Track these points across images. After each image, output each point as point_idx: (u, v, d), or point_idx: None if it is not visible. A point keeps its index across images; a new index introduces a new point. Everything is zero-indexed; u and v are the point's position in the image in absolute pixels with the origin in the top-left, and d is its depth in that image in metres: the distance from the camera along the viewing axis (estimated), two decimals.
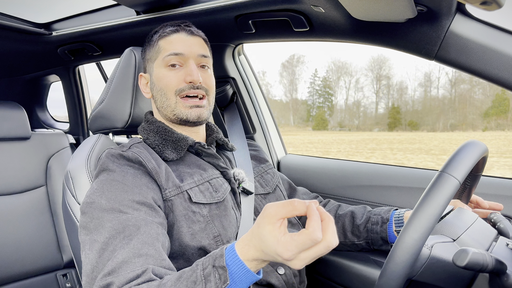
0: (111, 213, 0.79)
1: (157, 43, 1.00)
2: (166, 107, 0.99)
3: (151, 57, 1.02)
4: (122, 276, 0.69)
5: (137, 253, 0.73)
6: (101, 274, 0.71)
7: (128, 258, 0.72)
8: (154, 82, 1.00)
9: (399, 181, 1.29)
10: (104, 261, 0.73)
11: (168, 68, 0.98)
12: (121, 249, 0.73)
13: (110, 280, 0.69)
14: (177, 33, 0.99)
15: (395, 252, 0.66)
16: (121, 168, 0.87)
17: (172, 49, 0.97)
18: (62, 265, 1.75)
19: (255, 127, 1.64)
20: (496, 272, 0.66)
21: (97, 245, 0.76)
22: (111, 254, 0.73)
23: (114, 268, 0.71)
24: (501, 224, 0.84)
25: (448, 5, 0.90)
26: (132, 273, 0.70)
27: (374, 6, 0.90)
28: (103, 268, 0.72)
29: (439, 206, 0.65)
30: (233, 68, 1.58)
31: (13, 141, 1.74)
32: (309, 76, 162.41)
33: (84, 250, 0.78)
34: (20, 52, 1.91)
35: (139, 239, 0.75)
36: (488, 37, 0.91)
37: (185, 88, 0.97)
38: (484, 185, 1.12)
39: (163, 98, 0.98)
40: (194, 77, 0.96)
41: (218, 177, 0.98)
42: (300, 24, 1.20)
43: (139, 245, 0.74)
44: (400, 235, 0.67)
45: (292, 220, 1.10)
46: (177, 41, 0.98)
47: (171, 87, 0.97)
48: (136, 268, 0.70)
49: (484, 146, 0.76)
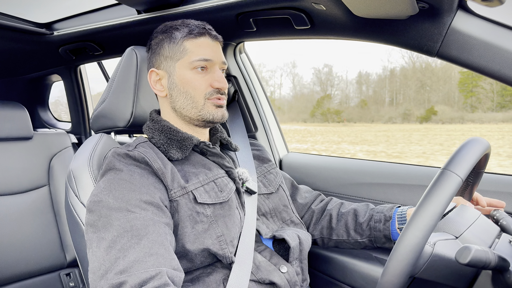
0: (119, 212, 0.79)
1: (182, 43, 0.98)
2: (190, 109, 0.98)
3: (172, 56, 0.99)
4: (136, 276, 0.70)
5: (148, 252, 0.74)
6: (112, 272, 0.71)
7: (139, 257, 0.73)
8: (176, 83, 0.99)
9: (401, 178, 1.29)
10: (111, 259, 0.73)
11: (195, 71, 0.98)
12: (132, 248, 0.74)
13: (123, 279, 0.70)
14: (203, 36, 0.99)
15: (397, 250, 0.66)
16: (128, 168, 0.87)
17: (202, 54, 0.97)
18: (66, 265, 1.76)
19: (257, 126, 1.64)
20: (499, 269, 0.66)
21: (105, 242, 0.76)
22: (119, 253, 0.74)
23: (126, 267, 0.71)
24: (503, 221, 0.84)
25: (449, 1, 0.89)
26: (146, 274, 0.70)
27: (375, 3, 0.90)
28: (114, 266, 0.72)
29: (441, 204, 0.65)
30: (234, 67, 1.58)
31: (16, 141, 1.74)
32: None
33: (91, 247, 0.78)
34: (22, 52, 1.91)
35: (149, 238, 0.76)
36: (490, 33, 0.91)
37: (213, 93, 0.98)
38: (486, 182, 1.12)
39: (188, 100, 0.98)
40: (223, 85, 0.98)
41: (223, 177, 0.98)
42: (301, 22, 1.20)
43: (150, 244, 0.75)
44: (402, 233, 0.67)
45: (294, 220, 1.10)
46: (204, 45, 0.98)
47: (200, 91, 0.98)
48: (148, 268, 0.71)
49: (487, 143, 0.76)
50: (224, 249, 0.88)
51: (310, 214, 1.20)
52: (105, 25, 1.53)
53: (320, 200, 1.23)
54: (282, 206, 1.10)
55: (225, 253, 0.88)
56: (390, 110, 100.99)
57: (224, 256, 0.87)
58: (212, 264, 0.90)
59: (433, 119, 76.72)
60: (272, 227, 1.03)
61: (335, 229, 1.15)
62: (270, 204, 1.07)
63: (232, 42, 1.52)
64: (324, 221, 1.17)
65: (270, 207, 1.07)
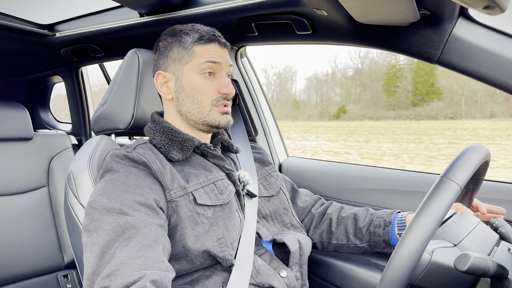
0: (111, 215, 0.79)
1: (191, 47, 0.98)
2: (196, 113, 0.99)
3: (181, 59, 0.99)
4: (118, 281, 0.70)
5: (135, 255, 0.73)
6: (100, 276, 0.72)
7: (125, 260, 0.73)
8: (184, 86, 0.99)
9: (401, 185, 1.29)
10: (104, 264, 0.74)
11: (203, 75, 0.98)
12: (120, 251, 0.74)
13: (107, 283, 0.70)
14: (212, 43, 0.99)
15: (395, 258, 0.66)
16: (125, 169, 0.87)
17: (210, 57, 0.98)
18: (63, 266, 1.75)
19: (257, 130, 1.64)
20: (497, 277, 0.65)
21: (97, 248, 0.76)
22: (111, 257, 0.74)
23: (112, 270, 0.72)
24: (502, 229, 0.84)
25: (451, 9, 0.90)
26: (129, 278, 0.70)
27: (377, 10, 0.91)
28: (103, 271, 0.73)
29: (439, 212, 0.65)
30: (235, 71, 1.58)
31: (16, 142, 1.74)
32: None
33: (86, 252, 0.78)
34: (24, 53, 1.92)
35: (137, 241, 0.75)
36: (491, 41, 0.91)
37: (220, 99, 0.99)
38: (486, 190, 1.11)
39: (195, 104, 0.98)
40: (230, 90, 0.99)
41: (223, 179, 0.98)
42: (303, 27, 1.20)
43: (138, 247, 0.75)
44: (400, 240, 0.66)
45: (295, 223, 1.10)
46: (214, 51, 0.99)
47: (207, 97, 0.98)
48: (133, 273, 0.71)
49: (486, 150, 0.76)
50: (224, 251, 0.88)
51: (310, 218, 1.20)
52: (107, 27, 1.54)
53: (320, 204, 1.23)
54: (283, 209, 1.10)
55: (225, 255, 0.87)
56: (311, 109, 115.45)
57: (224, 259, 0.87)
58: (211, 267, 0.89)
59: (342, 116, 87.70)
60: (272, 230, 1.03)
61: (335, 233, 1.14)
62: (270, 207, 1.07)
63: (233, 46, 1.52)
64: (324, 225, 1.17)
65: (271, 209, 1.07)
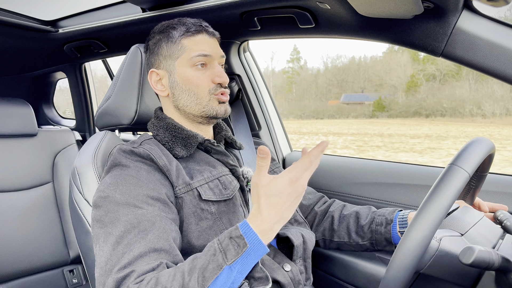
0: (126, 207, 0.80)
1: (180, 41, 0.98)
2: (194, 106, 0.99)
3: (171, 55, 0.99)
4: (140, 268, 0.72)
5: (153, 247, 0.75)
6: (117, 267, 0.73)
7: (144, 252, 0.74)
8: (178, 81, 0.99)
9: (405, 178, 1.29)
10: (118, 254, 0.74)
11: (195, 68, 0.98)
12: (137, 243, 0.75)
13: (127, 271, 0.71)
14: (200, 34, 0.99)
15: (404, 244, 0.65)
16: (135, 164, 0.88)
17: (200, 50, 0.98)
18: (69, 261, 1.77)
19: (261, 124, 1.64)
20: (502, 270, 0.65)
21: (112, 238, 0.77)
22: (126, 248, 0.75)
23: (131, 261, 0.73)
24: (507, 222, 0.84)
25: (455, 1, 0.89)
26: (148, 266, 0.72)
27: (380, 2, 0.90)
28: (119, 261, 0.73)
29: (449, 198, 0.65)
30: (238, 65, 1.58)
31: (20, 138, 1.75)
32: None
33: (98, 243, 0.79)
34: (27, 49, 1.92)
35: (154, 234, 0.77)
36: (495, 33, 0.91)
37: (217, 88, 0.99)
38: (487, 183, 1.11)
39: (191, 97, 0.98)
40: (224, 79, 0.99)
41: (227, 174, 0.99)
42: (306, 21, 1.19)
43: (155, 240, 0.76)
44: (409, 226, 0.66)
45: (298, 219, 1.10)
46: (202, 42, 0.99)
47: (203, 88, 0.98)
48: (151, 262, 0.73)
49: (492, 143, 0.76)
50: None
51: (313, 216, 1.20)
52: (110, 23, 1.54)
53: (323, 202, 1.24)
54: None
55: None
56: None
57: None
58: None
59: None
60: None
61: (337, 231, 1.15)
62: None
63: (236, 40, 1.52)
64: (326, 222, 1.17)
65: None
